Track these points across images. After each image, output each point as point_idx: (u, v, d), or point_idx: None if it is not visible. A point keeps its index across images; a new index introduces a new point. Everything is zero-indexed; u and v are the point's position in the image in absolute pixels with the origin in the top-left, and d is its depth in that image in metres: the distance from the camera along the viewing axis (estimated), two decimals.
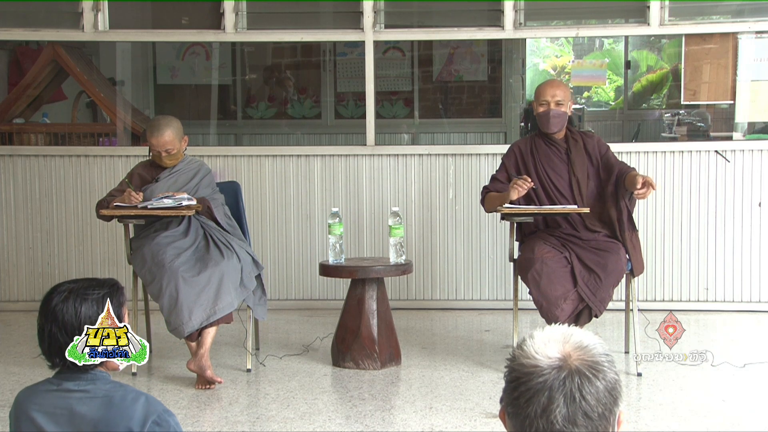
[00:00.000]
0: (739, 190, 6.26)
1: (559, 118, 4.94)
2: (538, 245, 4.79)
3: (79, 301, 2.44)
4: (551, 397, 1.60)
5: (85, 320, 2.41)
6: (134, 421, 2.30)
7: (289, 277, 6.51)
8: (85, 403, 2.35)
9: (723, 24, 6.45)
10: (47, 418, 2.35)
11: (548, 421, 1.59)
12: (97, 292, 2.48)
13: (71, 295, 2.45)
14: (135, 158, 6.04)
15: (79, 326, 2.40)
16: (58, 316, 2.41)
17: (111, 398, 2.36)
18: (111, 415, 2.32)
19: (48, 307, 2.43)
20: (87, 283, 2.50)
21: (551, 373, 1.62)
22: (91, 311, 2.43)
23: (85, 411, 2.34)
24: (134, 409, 2.33)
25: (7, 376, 4.90)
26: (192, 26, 6.80)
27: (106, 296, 2.47)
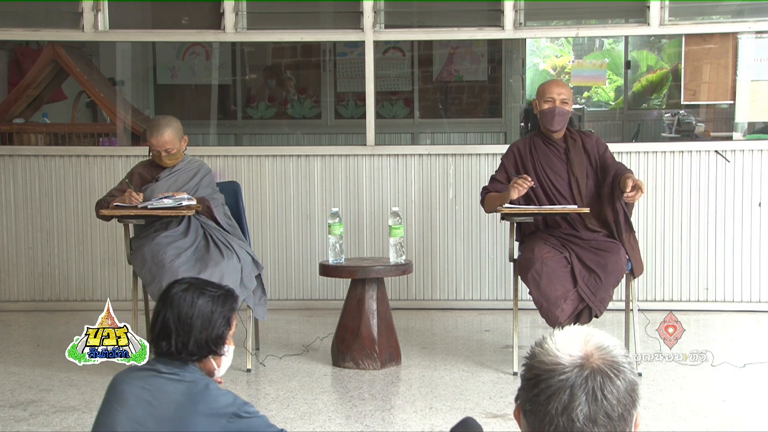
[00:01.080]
0: (739, 190, 6.26)
1: (563, 116, 4.95)
2: (538, 245, 4.79)
3: (197, 294, 2.55)
4: (573, 395, 1.60)
5: (199, 313, 2.52)
6: (219, 405, 2.41)
7: (289, 277, 6.51)
8: (173, 383, 2.46)
9: (723, 24, 6.45)
10: (133, 390, 2.46)
11: (569, 419, 1.59)
12: (214, 291, 2.60)
13: (191, 287, 2.57)
14: (135, 158, 6.04)
15: (191, 317, 2.51)
16: (175, 303, 2.53)
17: (197, 383, 2.46)
18: (196, 398, 2.42)
19: (167, 294, 2.56)
20: (207, 282, 2.62)
21: (573, 371, 1.61)
22: (207, 307, 2.55)
23: (171, 389, 2.45)
24: (219, 395, 2.44)
25: (7, 376, 4.90)
26: (192, 26, 6.80)
27: (222, 297, 2.60)
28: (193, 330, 2.51)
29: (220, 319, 2.56)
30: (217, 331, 2.55)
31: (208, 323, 2.53)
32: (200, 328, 2.52)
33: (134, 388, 2.47)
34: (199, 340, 2.52)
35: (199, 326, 2.52)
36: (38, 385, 4.73)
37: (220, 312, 2.57)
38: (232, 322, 2.61)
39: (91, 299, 6.49)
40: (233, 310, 2.62)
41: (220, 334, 2.56)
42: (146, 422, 2.43)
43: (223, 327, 2.57)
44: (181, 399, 2.43)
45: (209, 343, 2.54)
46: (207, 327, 2.53)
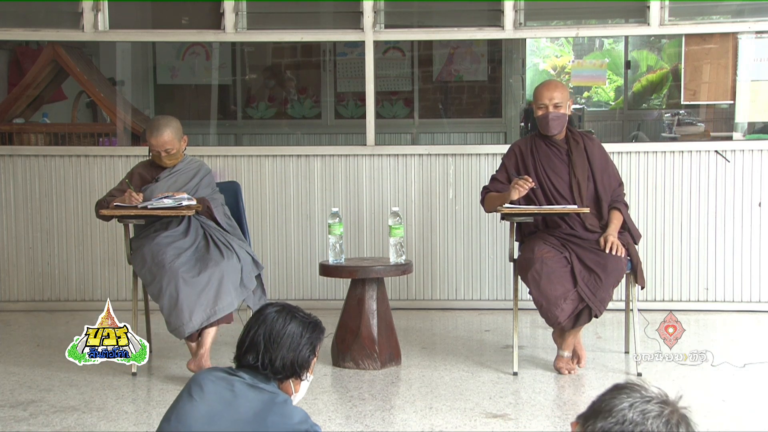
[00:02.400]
0: (739, 190, 6.26)
1: (557, 120, 4.93)
2: (538, 245, 4.79)
3: (289, 318, 2.65)
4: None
5: (289, 334, 2.62)
6: (293, 421, 2.51)
7: (289, 277, 6.51)
8: (255, 391, 2.54)
9: (723, 24, 6.45)
10: (216, 388, 2.54)
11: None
12: (305, 317, 2.69)
13: (284, 309, 2.68)
14: (135, 158, 6.04)
15: (282, 336, 2.61)
16: (268, 321, 2.64)
17: (278, 395, 2.56)
18: (273, 408, 2.51)
19: (261, 312, 2.68)
20: (298, 308, 2.73)
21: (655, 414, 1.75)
22: (297, 330, 2.64)
23: (252, 396, 2.53)
24: (295, 411, 2.54)
25: (7, 376, 4.90)
26: (192, 26, 6.80)
27: (312, 324, 2.69)
28: (282, 348, 2.60)
29: (308, 344, 2.65)
30: (304, 355, 2.63)
31: (296, 345, 2.62)
32: (288, 348, 2.60)
33: (217, 386, 2.54)
34: (285, 360, 2.60)
35: (288, 346, 2.60)
36: (38, 385, 4.73)
37: (309, 338, 2.65)
38: (317, 350, 2.69)
39: (91, 299, 6.49)
40: (320, 339, 2.70)
41: (306, 358, 2.64)
42: (222, 421, 2.50)
43: (309, 352, 2.65)
44: (259, 406, 2.51)
45: (294, 365, 2.62)
46: (295, 348, 2.61)
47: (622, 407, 1.75)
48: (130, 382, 4.76)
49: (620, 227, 4.91)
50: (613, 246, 4.73)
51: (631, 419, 1.72)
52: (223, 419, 2.50)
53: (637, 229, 5.09)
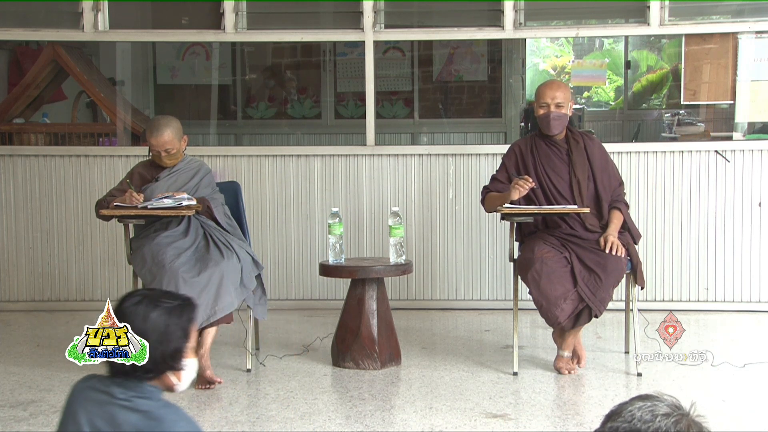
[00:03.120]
0: (739, 190, 6.26)
1: (559, 120, 4.93)
2: (537, 245, 4.79)
3: (151, 307, 2.39)
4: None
5: (153, 328, 2.36)
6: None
7: (289, 277, 6.51)
8: (127, 413, 2.32)
9: (723, 24, 6.45)
10: (88, 417, 2.34)
11: None
12: (170, 302, 2.41)
13: (144, 300, 2.41)
14: (135, 158, 6.04)
15: (145, 332, 2.36)
16: (127, 318, 2.40)
17: (151, 415, 2.32)
18: (149, 428, 2.29)
19: (118, 309, 2.43)
20: (163, 293, 2.47)
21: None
22: (161, 320, 2.37)
23: (123, 419, 2.31)
24: (174, 424, 2.30)
25: (7, 376, 4.90)
26: (192, 26, 6.80)
27: (178, 308, 2.41)
28: (151, 345, 2.35)
29: (177, 331, 2.37)
30: (174, 345, 2.37)
31: (163, 337, 2.36)
32: (155, 344, 2.35)
33: (90, 414, 2.35)
34: (154, 357, 2.34)
35: (154, 341, 2.35)
36: (38, 385, 4.73)
37: (177, 324, 2.38)
38: (190, 334, 2.41)
39: (91, 299, 6.49)
40: (191, 320, 2.42)
41: (177, 347, 2.37)
42: None
43: (180, 340, 2.38)
44: (135, 430, 2.30)
45: (166, 359, 2.36)
46: (162, 341, 2.35)
47: (631, 409, 1.77)
48: None
49: (620, 227, 4.92)
50: (613, 246, 4.74)
51: (640, 417, 1.75)
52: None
53: (637, 229, 5.09)
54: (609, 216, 4.94)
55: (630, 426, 1.74)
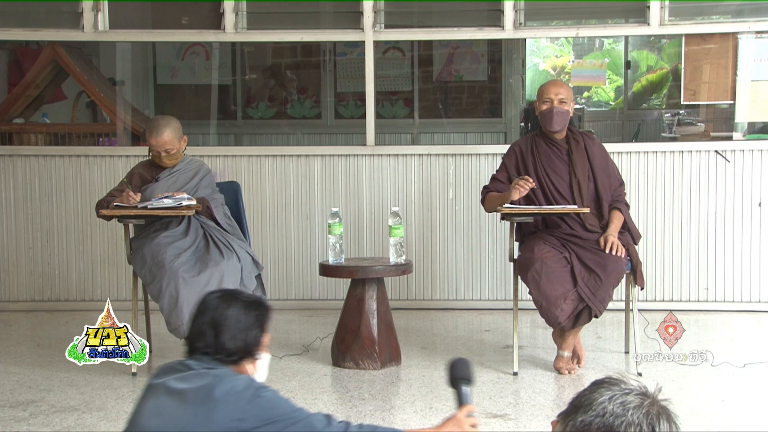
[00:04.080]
0: (739, 190, 6.26)
1: (561, 115, 4.93)
2: (537, 245, 4.79)
3: (232, 301, 2.64)
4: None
5: (233, 317, 2.59)
6: (239, 389, 2.45)
7: (289, 277, 6.51)
8: (198, 377, 2.51)
9: (723, 24, 6.45)
10: (163, 382, 2.54)
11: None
12: (247, 298, 2.69)
13: (225, 294, 2.68)
14: (135, 158, 6.04)
15: (226, 320, 2.58)
16: (210, 309, 2.62)
17: (220, 373, 2.51)
18: (216, 384, 2.46)
19: (202, 303, 2.66)
20: (240, 291, 2.77)
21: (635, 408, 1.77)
22: (240, 311, 2.61)
23: (192, 381, 2.50)
24: (238, 379, 2.50)
25: (7, 376, 4.90)
26: (192, 26, 6.80)
27: (255, 303, 2.68)
28: (229, 332, 2.58)
29: (255, 323, 2.63)
30: (253, 335, 2.61)
31: (243, 326, 2.60)
32: (236, 330, 2.58)
33: (165, 379, 2.55)
34: (236, 342, 2.58)
35: (235, 328, 2.59)
36: (38, 385, 4.73)
37: (255, 316, 2.64)
38: (266, 328, 2.66)
39: (91, 299, 6.49)
40: (267, 317, 2.69)
41: (254, 337, 2.62)
42: (168, 409, 2.49)
43: (257, 330, 2.63)
44: (205, 386, 2.48)
45: (246, 345, 2.59)
46: (243, 329, 2.60)
47: (602, 400, 1.78)
48: (130, 382, 4.76)
49: (621, 227, 4.92)
50: (613, 246, 4.74)
51: (612, 411, 1.75)
52: (168, 407, 2.48)
53: (638, 230, 5.09)
54: (609, 216, 4.94)
55: (603, 421, 1.75)
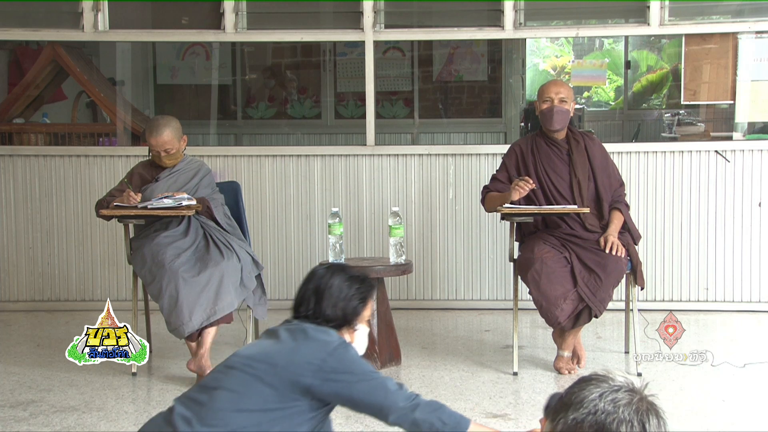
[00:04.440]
0: (739, 190, 6.26)
1: (562, 114, 4.93)
2: (537, 245, 4.79)
3: (337, 272, 2.85)
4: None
5: (336, 286, 2.81)
6: (331, 339, 2.69)
7: (289, 277, 6.51)
8: (296, 331, 2.76)
9: (723, 24, 6.45)
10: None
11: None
12: (353, 272, 2.88)
13: (332, 267, 2.90)
14: (135, 158, 6.04)
15: (329, 288, 2.80)
16: (316, 277, 2.85)
17: (318, 328, 2.75)
18: (311, 333, 2.72)
19: (312, 272, 2.90)
20: (348, 266, 2.96)
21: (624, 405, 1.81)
22: (344, 282, 2.82)
23: (289, 328, 2.79)
24: (332, 334, 2.73)
25: (7, 376, 4.90)
26: (192, 26, 6.80)
27: (359, 278, 2.86)
28: (330, 299, 2.78)
29: (357, 295, 2.81)
30: (353, 304, 2.80)
31: (345, 296, 2.79)
32: (337, 299, 2.79)
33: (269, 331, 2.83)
34: (335, 309, 2.78)
35: (336, 296, 2.79)
36: (38, 385, 4.73)
37: (358, 289, 2.82)
38: (367, 302, 2.84)
39: (91, 299, 6.49)
40: (370, 291, 2.85)
41: (354, 306, 2.80)
42: (263, 345, 2.76)
43: (357, 302, 2.80)
44: (301, 333, 2.72)
45: (345, 313, 2.78)
46: (344, 299, 2.79)
47: (592, 398, 1.80)
48: (130, 382, 4.76)
49: (620, 227, 4.92)
50: (613, 246, 4.74)
51: (603, 409, 1.78)
52: (265, 341, 2.77)
53: (638, 230, 5.09)
54: (609, 216, 4.94)
55: (595, 419, 1.77)
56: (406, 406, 2.55)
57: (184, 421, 2.60)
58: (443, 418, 2.53)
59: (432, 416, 2.53)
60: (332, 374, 2.60)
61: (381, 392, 2.59)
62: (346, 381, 2.60)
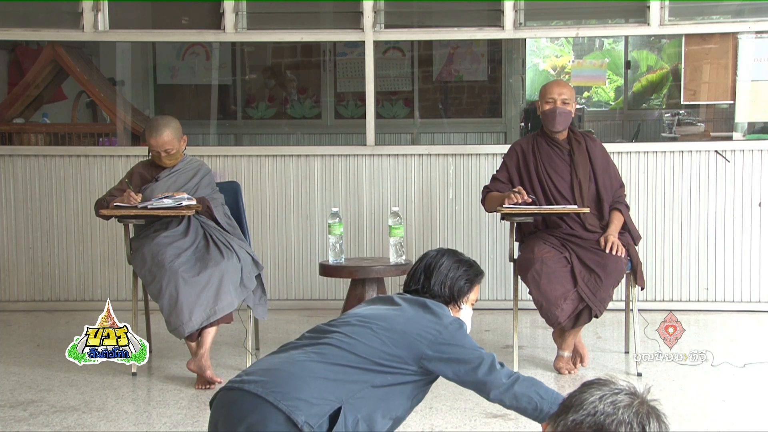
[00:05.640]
0: (739, 190, 6.26)
1: (564, 116, 4.93)
2: (537, 245, 4.79)
3: (447, 255, 3.04)
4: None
5: (445, 266, 2.99)
6: (446, 315, 2.83)
7: (289, 277, 6.51)
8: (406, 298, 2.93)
9: (723, 24, 6.45)
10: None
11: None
12: (463, 257, 3.06)
13: (445, 250, 3.08)
14: (135, 158, 6.04)
15: (438, 266, 2.99)
16: (427, 258, 3.03)
17: (434, 302, 2.90)
18: (430, 307, 2.84)
19: (425, 254, 3.07)
20: (458, 252, 3.10)
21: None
22: (453, 264, 3.01)
23: (407, 297, 2.92)
24: (448, 313, 2.86)
25: (7, 376, 4.90)
26: (192, 26, 6.80)
27: (468, 263, 3.04)
28: (439, 276, 2.97)
29: (464, 276, 2.99)
30: (459, 284, 2.98)
31: (453, 276, 2.98)
32: (445, 277, 2.97)
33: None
34: (443, 285, 2.96)
35: (444, 275, 2.97)
36: (38, 385, 4.73)
37: (465, 271, 3.00)
38: (474, 285, 3.01)
39: (91, 299, 6.49)
40: (477, 276, 3.02)
41: (461, 286, 2.98)
42: (379, 310, 2.83)
43: (463, 283, 2.98)
44: (420, 303, 2.86)
45: (452, 291, 2.96)
46: (452, 278, 2.97)
47: (592, 400, 1.81)
48: (130, 382, 4.76)
49: (621, 228, 4.92)
50: (613, 246, 4.73)
51: (602, 410, 1.78)
52: (378, 306, 2.86)
53: (638, 231, 5.09)
54: (609, 217, 4.94)
55: (594, 420, 1.77)
56: (507, 382, 2.70)
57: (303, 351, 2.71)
58: (541, 392, 2.69)
59: (531, 390, 2.69)
60: (445, 346, 2.73)
61: (486, 368, 2.72)
62: (457, 355, 2.73)
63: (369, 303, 2.96)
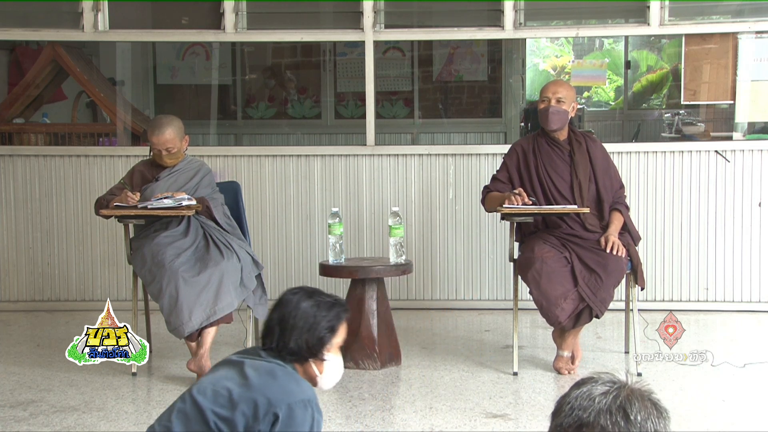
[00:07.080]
0: (739, 190, 6.26)
1: (558, 114, 4.92)
2: (538, 245, 4.79)
3: (304, 298, 2.67)
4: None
5: (302, 315, 2.63)
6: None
7: (289, 277, 6.51)
8: (260, 359, 2.63)
9: (723, 24, 6.45)
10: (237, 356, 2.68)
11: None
12: (322, 298, 2.69)
13: (301, 291, 2.71)
14: (135, 158, 6.04)
15: (294, 317, 2.63)
16: (282, 304, 2.68)
17: (285, 367, 2.60)
18: (280, 371, 2.57)
19: (279, 298, 2.71)
20: (319, 290, 2.75)
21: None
22: (311, 310, 2.65)
23: (254, 362, 2.61)
24: (297, 381, 2.57)
25: (7, 376, 4.90)
26: (192, 26, 6.80)
27: (329, 304, 2.69)
28: (295, 330, 2.61)
29: (324, 323, 2.64)
30: (319, 335, 2.63)
31: (310, 326, 2.63)
32: (301, 330, 2.62)
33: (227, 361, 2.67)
34: (299, 341, 2.61)
35: (300, 327, 2.62)
36: (38, 385, 4.73)
37: (325, 317, 2.65)
38: (337, 330, 2.67)
39: (91, 299, 6.49)
40: (340, 318, 2.69)
41: (321, 337, 2.63)
42: (222, 371, 2.60)
43: (325, 332, 2.64)
44: (268, 367, 2.58)
45: (309, 346, 2.62)
46: (308, 329, 2.62)
47: (569, 400, 1.76)
48: (130, 382, 4.76)
49: (621, 228, 4.92)
50: (613, 246, 4.74)
51: (579, 405, 1.74)
52: (222, 370, 2.60)
53: (637, 231, 5.09)
54: (609, 217, 4.94)
55: (573, 419, 1.73)
56: None
57: None
58: None
59: None
60: (277, 425, 2.48)
61: None
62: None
63: (215, 369, 2.68)
